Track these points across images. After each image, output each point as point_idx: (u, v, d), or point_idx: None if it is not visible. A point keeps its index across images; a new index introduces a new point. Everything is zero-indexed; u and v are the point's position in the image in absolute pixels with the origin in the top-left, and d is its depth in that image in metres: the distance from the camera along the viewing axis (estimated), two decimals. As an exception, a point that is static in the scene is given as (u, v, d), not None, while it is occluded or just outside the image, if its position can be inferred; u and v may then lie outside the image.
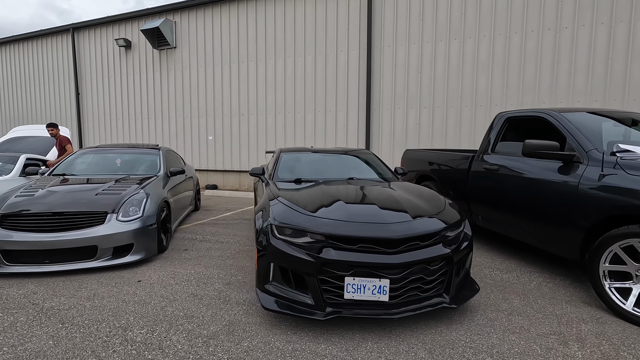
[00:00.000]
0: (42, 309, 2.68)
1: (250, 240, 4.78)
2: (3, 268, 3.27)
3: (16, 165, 5.57)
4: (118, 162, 5.04)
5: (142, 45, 11.30)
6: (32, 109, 13.43)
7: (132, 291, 3.03)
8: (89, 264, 3.41)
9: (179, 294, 2.99)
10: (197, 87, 10.62)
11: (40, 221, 3.37)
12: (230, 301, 2.86)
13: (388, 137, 8.55)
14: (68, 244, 3.32)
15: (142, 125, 11.55)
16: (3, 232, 3.28)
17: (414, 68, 8.19)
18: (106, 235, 3.44)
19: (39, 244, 3.26)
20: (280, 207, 2.66)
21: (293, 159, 4.10)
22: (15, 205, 3.44)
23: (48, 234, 3.32)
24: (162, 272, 3.50)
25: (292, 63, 9.36)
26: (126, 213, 3.64)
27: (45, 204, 3.47)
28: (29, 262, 3.34)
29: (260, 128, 9.90)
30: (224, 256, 4.06)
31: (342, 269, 2.31)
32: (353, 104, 8.82)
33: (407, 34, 8.18)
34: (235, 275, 3.44)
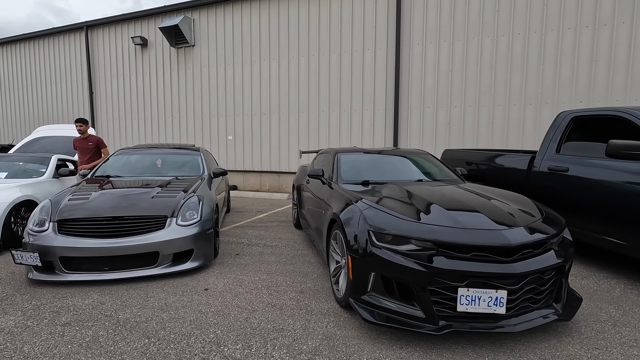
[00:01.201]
0: (118, 321, 2.51)
1: (299, 243, 4.61)
2: (62, 276, 3.08)
3: (49, 167, 5.38)
4: (159, 163, 4.85)
5: (159, 44, 11.10)
6: (44, 108, 13.20)
7: (204, 300, 2.86)
8: (150, 271, 3.23)
9: (255, 303, 2.82)
10: (216, 86, 10.43)
11: (100, 226, 3.18)
12: (313, 311, 2.69)
13: (417, 136, 8.39)
14: (130, 250, 3.14)
15: (159, 124, 11.35)
16: (62, 238, 3.10)
17: (445, 66, 8.03)
18: (168, 241, 3.26)
19: (99, 251, 3.08)
20: (374, 211, 2.49)
21: (352, 160, 3.92)
22: (72, 210, 3.26)
23: (108, 239, 3.14)
24: (225, 280, 3.32)
25: (316, 61, 9.18)
26: (184, 217, 3.46)
27: (102, 208, 3.28)
28: (87, 270, 3.16)
29: (282, 128, 9.72)
30: (280, 261, 3.88)
31: (456, 279, 2.14)
32: (380, 103, 8.65)
33: (438, 31, 8.02)
34: (303, 283, 3.26)
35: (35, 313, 2.62)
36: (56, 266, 3.09)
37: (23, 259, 3.04)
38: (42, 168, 5.35)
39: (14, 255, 3.06)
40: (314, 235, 4.01)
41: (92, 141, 5.54)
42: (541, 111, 7.35)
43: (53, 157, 5.60)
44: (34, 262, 3.02)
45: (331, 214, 3.00)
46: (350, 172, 3.71)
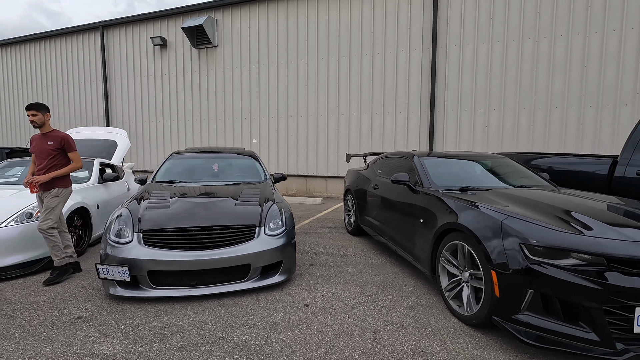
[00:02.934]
0: (236, 344, 2.26)
1: (368, 251, 4.38)
2: (148, 292, 2.82)
3: (93, 171, 5.09)
4: (215, 168, 4.60)
5: (180, 44, 10.83)
6: (58, 110, 12.82)
7: (313, 318, 2.62)
8: (240, 286, 2.98)
9: (371, 321, 2.59)
10: (240, 87, 10.18)
11: (189, 237, 2.93)
12: (439, 330, 2.47)
13: (453, 140, 8.23)
14: (222, 262, 2.89)
15: (178, 127, 11.06)
16: (148, 250, 2.83)
17: (483, 68, 7.89)
18: (259, 252, 3.01)
19: (190, 264, 2.82)
20: (518, 222, 2.28)
21: (439, 165, 3.71)
22: (157, 220, 3.00)
23: (197, 251, 2.89)
24: (318, 294, 3.08)
25: (347, 63, 8.99)
26: (271, 227, 3.22)
27: (188, 218, 3.03)
28: (174, 285, 2.90)
29: (310, 130, 9.50)
30: (362, 272, 3.65)
31: (634, 298, 1.94)
32: (414, 105, 8.48)
33: (476, 33, 7.88)
34: (404, 297, 3.04)
35: (138, 335, 2.36)
36: (142, 281, 2.82)
37: (109, 274, 2.77)
38: (85, 173, 5.06)
39: (99, 269, 2.79)
40: (393, 244, 3.79)
41: (54, 140, 3.44)
42: (584, 114, 7.23)
43: (95, 161, 5.32)
44: (122, 277, 2.76)
45: (443, 223, 2.78)
46: (441, 177, 3.50)
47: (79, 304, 2.83)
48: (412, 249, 3.36)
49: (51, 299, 2.93)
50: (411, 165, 3.89)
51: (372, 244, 4.79)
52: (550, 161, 4.62)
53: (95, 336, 2.34)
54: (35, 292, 3.07)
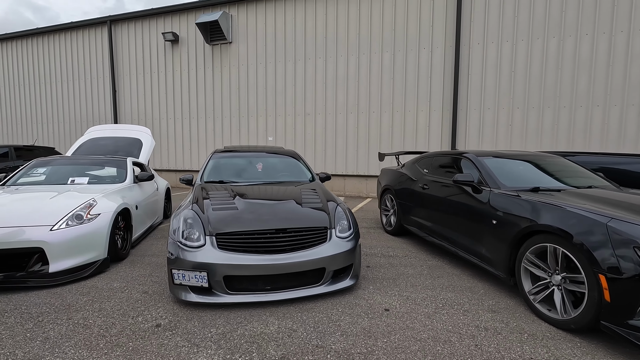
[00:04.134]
0: (338, 353, 2.17)
1: (417, 252, 4.31)
2: (223, 298, 2.71)
3: (128, 171, 4.93)
4: (259, 167, 4.48)
5: (192, 40, 10.62)
6: (64, 107, 12.49)
7: (402, 324, 2.54)
8: (315, 290, 2.89)
9: (462, 327, 2.51)
10: (255, 84, 10.02)
11: (262, 240, 2.82)
12: (536, 336, 2.40)
13: (475, 138, 8.21)
14: (299, 266, 2.79)
15: (190, 125, 10.86)
16: (224, 254, 2.72)
17: (507, 67, 7.87)
18: (334, 255, 2.92)
19: (267, 268, 2.71)
20: (629, 225, 2.22)
21: (499, 164, 3.65)
22: (229, 222, 2.88)
23: (272, 255, 2.78)
24: (392, 298, 3.00)
25: (367, 60, 8.90)
26: (340, 229, 3.12)
27: (259, 220, 2.92)
28: (249, 290, 2.79)
29: (328, 129, 9.40)
30: (423, 274, 3.58)
31: None
32: (436, 103, 8.43)
33: (500, 31, 7.85)
34: (481, 300, 2.97)
35: (231, 345, 2.25)
36: (216, 286, 2.71)
37: (185, 279, 2.65)
38: (119, 172, 4.89)
39: (175, 275, 2.67)
40: (451, 245, 3.73)
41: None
42: (609, 113, 7.26)
43: (128, 160, 5.15)
44: (199, 283, 2.64)
45: (527, 225, 2.72)
46: (507, 177, 3.44)
47: (150, 311, 2.71)
48: (479, 251, 3.29)
49: (118, 305, 2.79)
50: (468, 165, 3.83)
51: (417, 244, 4.73)
52: (601, 160, 4.60)
53: (187, 346, 2.23)
54: (98, 298, 2.93)
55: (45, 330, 2.40)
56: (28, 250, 3.12)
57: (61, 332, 2.38)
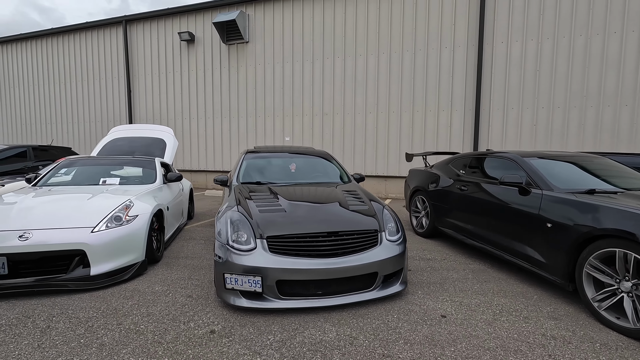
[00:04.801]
0: (408, 363, 2.07)
1: (454, 255, 4.21)
2: (276, 303, 2.62)
3: (157, 171, 4.87)
4: (293, 168, 4.40)
5: (208, 40, 10.57)
6: (76, 107, 12.50)
7: (464, 332, 2.44)
8: (367, 295, 2.80)
9: (529, 335, 2.41)
10: (272, 84, 9.95)
11: (314, 244, 2.73)
12: (609, 345, 2.30)
13: (498, 138, 8.07)
14: (352, 271, 2.70)
15: (206, 125, 10.81)
16: (276, 258, 2.63)
17: (531, 66, 7.73)
18: (386, 260, 2.83)
19: (320, 272, 2.63)
20: None
21: (546, 165, 3.54)
22: (279, 225, 2.80)
23: (324, 259, 2.69)
24: (444, 303, 2.90)
25: (387, 60, 8.79)
26: (389, 232, 3.03)
27: (309, 223, 2.83)
28: (301, 295, 2.70)
29: (347, 129, 9.30)
30: (468, 279, 3.48)
31: None
32: (458, 103, 8.31)
33: (524, 29, 7.72)
34: (538, 307, 2.87)
35: (293, 353, 2.16)
36: (267, 291, 2.62)
37: (238, 284, 2.57)
38: (148, 172, 4.83)
39: (227, 279, 2.59)
40: (495, 248, 3.62)
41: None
42: (638, 113, 7.10)
43: (156, 160, 5.09)
44: (253, 288, 2.56)
45: (590, 229, 2.61)
46: (557, 179, 3.32)
47: (200, 316, 2.63)
48: (530, 254, 3.18)
49: (165, 310, 2.72)
50: (512, 166, 3.72)
51: (452, 246, 4.62)
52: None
53: (248, 354, 2.14)
54: (143, 302, 2.86)
55: (98, 337, 2.33)
56: (69, 252, 3.05)
57: (115, 338, 2.31)
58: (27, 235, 2.97)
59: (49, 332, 2.38)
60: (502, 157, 3.94)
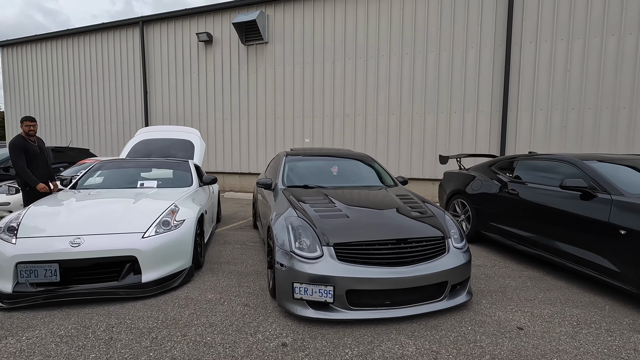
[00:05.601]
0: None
1: (509, 261, 4.07)
2: (345, 314, 2.49)
3: (192, 174, 4.76)
4: (334, 171, 4.27)
5: (226, 40, 10.49)
6: (92, 108, 12.45)
7: (549, 346, 2.30)
8: (437, 306, 2.66)
9: (620, 350, 2.27)
10: (292, 85, 9.84)
11: (382, 251, 2.60)
12: None
13: (526, 140, 7.92)
14: (425, 280, 2.58)
15: (224, 126, 10.72)
16: (345, 266, 2.51)
17: (561, 66, 7.58)
18: (455, 268, 2.70)
19: (393, 282, 2.50)
20: None
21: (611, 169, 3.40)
22: (345, 232, 2.68)
23: (394, 267, 2.56)
24: (515, 314, 2.76)
25: (410, 60, 8.66)
26: (455, 238, 2.90)
27: (377, 229, 2.71)
28: (368, 305, 2.57)
29: (368, 130, 9.17)
30: (528, 286, 3.34)
31: None
32: (484, 105, 8.16)
33: (554, 29, 7.57)
34: (615, 318, 2.73)
35: (379, 369, 2.04)
36: (338, 301, 2.50)
37: (308, 294, 2.45)
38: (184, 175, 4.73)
39: (295, 288, 2.47)
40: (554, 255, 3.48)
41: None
42: (674, 114, 6.93)
43: (190, 162, 4.99)
44: (323, 298, 2.44)
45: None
46: (625, 183, 3.18)
47: (265, 327, 2.50)
48: (599, 263, 3.04)
49: (227, 320, 2.60)
50: (570, 170, 3.58)
51: (498, 251, 4.48)
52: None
53: (332, 370, 2.02)
54: (201, 311, 2.74)
55: (166, 349, 2.21)
56: (121, 259, 2.94)
57: (185, 352, 2.19)
58: (78, 241, 2.86)
59: (114, 344, 2.27)
60: (559, 160, 3.80)
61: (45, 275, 2.76)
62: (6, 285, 2.76)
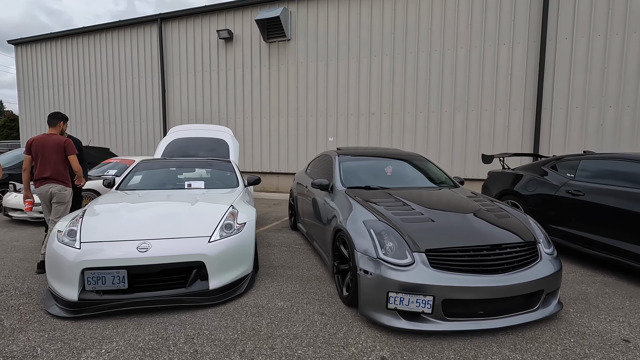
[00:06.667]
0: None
1: (580, 265, 3.89)
2: (441, 325, 2.33)
3: (237, 174, 4.61)
4: (389, 171, 4.11)
5: (247, 37, 10.32)
6: (108, 106, 12.32)
7: (670, 361, 2.13)
8: (532, 316, 2.50)
9: None
10: (315, 83, 9.67)
11: (477, 258, 2.44)
12: None
13: (560, 139, 7.72)
14: (521, 289, 2.42)
15: (244, 124, 10.57)
16: (442, 274, 2.34)
17: (598, 63, 7.38)
18: (550, 276, 2.54)
19: (492, 291, 2.34)
20: None
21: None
22: (436, 236, 2.52)
23: (490, 275, 2.40)
24: (611, 323, 2.60)
25: (439, 57, 8.47)
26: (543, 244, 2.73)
27: (468, 234, 2.55)
28: (461, 315, 2.41)
29: (395, 129, 9.00)
30: (622, 294, 3.17)
31: None
32: (517, 102, 7.97)
33: (591, 25, 7.36)
34: None
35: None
36: (435, 312, 2.33)
37: (403, 303, 2.29)
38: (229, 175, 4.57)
39: (391, 297, 2.31)
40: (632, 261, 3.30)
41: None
42: None
43: (233, 162, 4.84)
44: (421, 308, 2.28)
45: None
46: None
47: (354, 339, 2.35)
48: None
49: (310, 331, 2.45)
50: (647, 170, 3.40)
51: (557, 256, 4.30)
52: None
53: (451, 390, 1.86)
54: (279, 321, 2.59)
55: (260, 364, 2.06)
56: (188, 264, 2.79)
57: (281, 367, 2.03)
58: (145, 246, 2.71)
59: (201, 358, 2.12)
60: (632, 160, 3.61)
61: (112, 282, 2.61)
62: (71, 293, 2.61)
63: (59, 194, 3.61)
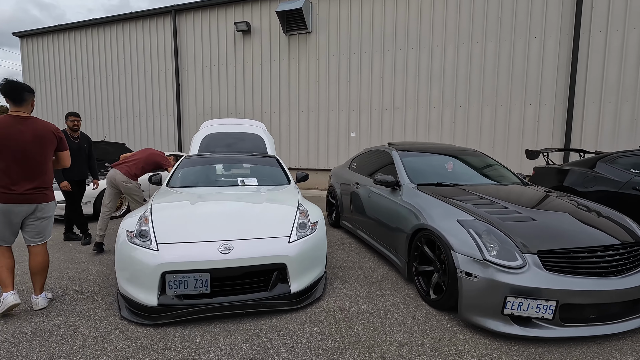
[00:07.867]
0: None
1: None
2: (556, 331, 2.19)
3: (285, 170, 4.43)
4: (449, 167, 3.96)
5: (266, 30, 10.08)
6: (120, 100, 12.04)
7: None
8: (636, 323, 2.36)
9: None
10: (337, 77, 9.47)
11: (592, 260, 2.30)
12: None
13: (592, 134, 7.61)
14: (637, 292, 2.28)
15: (262, 120, 10.35)
16: (557, 277, 2.20)
17: (633, 56, 7.25)
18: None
19: (611, 295, 2.21)
20: None
21: None
22: (546, 236, 2.37)
23: (605, 278, 2.26)
24: None
25: (467, 51, 8.31)
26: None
27: (574, 234, 2.40)
28: (574, 320, 2.28)
29: (420, 124, 8.84)
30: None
31: None
32: (548, 97, 7.84)
33: (626, 17, 7.23)
34: None
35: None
36: (554, 318, 2.20)
37: (522, 309, 2.15)
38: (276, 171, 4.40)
39: (508, 302, 2.16)
40: None
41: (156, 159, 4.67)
42: None
43: (278, 158, 4.65)
44: (541, 314, 2.15)
45: None
46: None
47: (463, 346, 2.21)
48: None
49: (413, 339, 2.30)
50: None
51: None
52: None
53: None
54: (372, 327, 2.44)
55: (381, 376, 1.91)
56: (271, 267, 2.63)
57: (404, 379, 1.88)
58: (227, 247, 2.54)
59: (314, 369, 1.96)
60: None
61: (195, 286, 2.45)
62: (151, 298, 2.44)
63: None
